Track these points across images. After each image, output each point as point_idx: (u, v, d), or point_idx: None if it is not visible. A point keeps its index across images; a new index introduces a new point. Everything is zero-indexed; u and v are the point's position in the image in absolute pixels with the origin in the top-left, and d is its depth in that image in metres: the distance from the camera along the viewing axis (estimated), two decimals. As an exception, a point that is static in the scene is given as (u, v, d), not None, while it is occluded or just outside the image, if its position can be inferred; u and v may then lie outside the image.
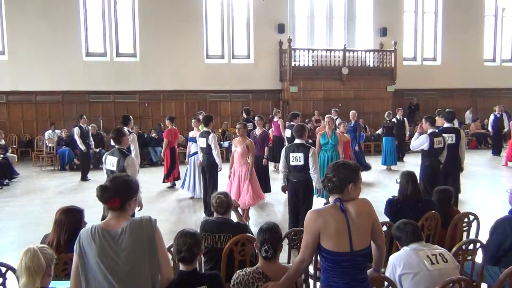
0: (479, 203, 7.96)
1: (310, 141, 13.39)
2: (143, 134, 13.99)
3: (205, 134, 7.56)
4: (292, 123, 10.18)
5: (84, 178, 11.02)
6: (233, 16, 16.58)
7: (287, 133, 9.97)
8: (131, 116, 9.02)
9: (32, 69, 14.38)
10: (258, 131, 9.01)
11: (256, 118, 9.33)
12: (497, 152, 14.41)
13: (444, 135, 7.16)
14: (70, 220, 3.43)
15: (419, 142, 6.98)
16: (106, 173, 5.53)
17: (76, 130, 11.31)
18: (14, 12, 14.30)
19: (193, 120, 9.42)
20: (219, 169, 7.58)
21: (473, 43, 18.54)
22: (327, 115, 8.42)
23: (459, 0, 18.12)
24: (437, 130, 7.14)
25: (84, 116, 11.85)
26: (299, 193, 5.91)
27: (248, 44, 16.72)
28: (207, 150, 7.54)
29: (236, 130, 7.36)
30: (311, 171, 5.80)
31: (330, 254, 2.63)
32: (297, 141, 5.93)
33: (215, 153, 7.43)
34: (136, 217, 2.59)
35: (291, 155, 5.83)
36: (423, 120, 7.33)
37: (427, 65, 18.43)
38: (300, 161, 5.77)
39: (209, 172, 7.55)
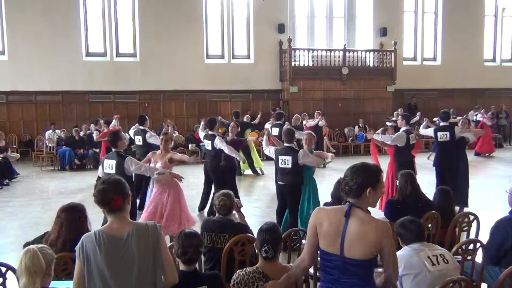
0: (479, 203, 7.95)
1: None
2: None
3: (210, 137, 7.56)
4: (278, 122, 10.44)
5: None
6: (233, 16, 16.58)
7: (274, 131, 9.68)
8: (147, 116, 9.07)
9: (32, 69, 14.36)
10: (228, 138, 8.10)
11: (231, 124, 8.54)
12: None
13: (439, 133, 7.75)
14: (72, 217, 3.43)
15: (399, 138, 7.19)
16: (103, 177, 5.51)
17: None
18: (14, 12, 14.29)
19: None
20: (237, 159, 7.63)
21: (473, 43, 18.53)
22: (306, 132, 6.77)
23: (459, 0, 18.11)
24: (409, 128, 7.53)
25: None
26: (286, 197, 5.97)
27: (248, 44, 16.71)
28: (212, 153, 7.55)
29: (161, 143, 6.17)
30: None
31: (322, 252, 2.60)
32: (286, 144, 5.99)
33: (228, 151, 7.33)
34: (141, 222, 2.59)
35: (280, 157, 5.91)
36: (399, 117, 7.69)
37: (427, 65, 18.42)
38: (288, 164, 5.82)
39: (214, 175, 7.56)
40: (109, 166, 5.46)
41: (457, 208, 6.26)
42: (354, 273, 2.49)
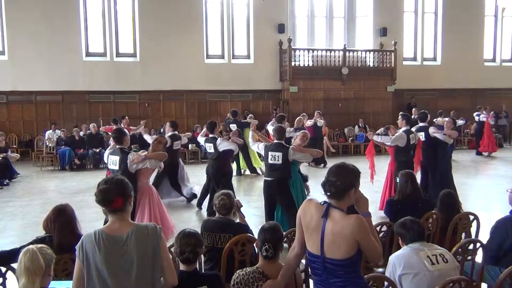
0: (479, 203, 7.96)
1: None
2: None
3: (211, 140, 7.60)
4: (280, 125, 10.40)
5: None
6: (233, 16, 16.58)
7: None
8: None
9: (32, 69, 14.36)
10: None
11: (234, 130, 8.64)
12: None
13: (418, 133, 7.72)
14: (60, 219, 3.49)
15: (399, 139, 7.16)
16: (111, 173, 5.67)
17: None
18: (14, 11, 14.29)
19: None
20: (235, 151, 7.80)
21: (473, 43, 18.52)
22: (302, 131, 7.15)
23: (459, 0, 18.12)
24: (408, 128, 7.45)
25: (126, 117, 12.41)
26: (275, 193, 5.96)
27: (248, 44, 16.71)
28: (213, 156, 7.60)
29: (154, 143, 6.30)
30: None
31: (308, 254, 2.68)
32: (276, 141, 6.04)
33: (234, 147, 7.61)
34: (141, 223, 2.58)
35: (270, 153, 5.93)
36: (399, 117, 7.56)
37: (427, 65, 18.41)
38: (278, 160, 5.86)
39: (215, 178, 7.57)
40: (113, 162, 5.57)
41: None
42: (336, 273, 2.55)
